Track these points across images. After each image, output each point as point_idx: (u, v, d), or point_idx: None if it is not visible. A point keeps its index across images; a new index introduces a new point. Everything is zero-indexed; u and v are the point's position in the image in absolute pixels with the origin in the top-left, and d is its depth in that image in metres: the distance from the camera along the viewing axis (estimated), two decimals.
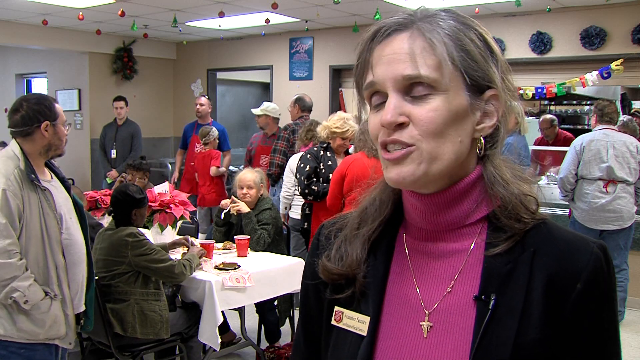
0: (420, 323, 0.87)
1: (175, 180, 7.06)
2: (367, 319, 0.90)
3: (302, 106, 5.86)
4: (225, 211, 4.25)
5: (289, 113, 6.03)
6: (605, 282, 0.83)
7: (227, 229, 4.37)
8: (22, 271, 2.49)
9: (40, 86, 10.21)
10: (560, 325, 0.81)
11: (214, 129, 6.67)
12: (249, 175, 4.30)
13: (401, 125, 0.83)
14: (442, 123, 0.82)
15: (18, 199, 2.50)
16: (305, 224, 4.74)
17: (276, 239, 4.28)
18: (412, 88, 0.83)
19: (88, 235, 2.88)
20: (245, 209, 4.16)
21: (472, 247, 0.87)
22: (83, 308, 2.83)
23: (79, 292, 2.78)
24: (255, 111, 6.27)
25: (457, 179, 0.87)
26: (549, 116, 7.17)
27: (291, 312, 4.29)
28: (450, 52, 0.82)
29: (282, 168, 5.65)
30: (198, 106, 7.01)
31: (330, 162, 4.52)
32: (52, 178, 2.77)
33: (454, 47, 0.82)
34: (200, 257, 3.59)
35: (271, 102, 8.45)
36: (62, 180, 2.84)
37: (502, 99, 0.86)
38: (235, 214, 4.21)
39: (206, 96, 7.28)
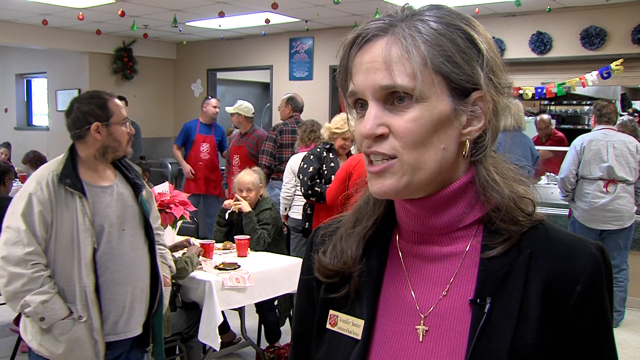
0: (416, 327, 0.86)
1: (193, 172, 6.92)
2: (362, 322, 0.89)
3: (295, 106, 5.86)
4: (228, 211, 4.26)
5: (279, 112, 6.03)
6: (604, 283, 0.82)
7: (229, 229, 4.37)
8: (38, 284, 2.27)
9: (40, 86, 10.22)
10: (558, 329, 0.80)
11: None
12: (247, 178, 4.29)
13: (381, 137, 0.81)
14: (422, 133, 0.80)
15: (44, 205, 2.29)
16: (307, 224, 4.74)
17: (276, 239, 4.28)
18: (391, 97, 0.81)
19: (154, 249, 2.61)
20: (247, 208, 4.17)
21: (467, 249, 0.86)
22: (137, 332, 2.54)
23: (124, 315, 2.47)
24: (229, 109, 6.29)
25: (447, 182, 0.85)
26: (546, 116, 7.14)
27: (291, 312, 4.29)
28: (425, 59, 0.79)
29: (269, 169, 5.65)
30: (217, 109, 6.88)
31: (332, 164, 4.52)
32: (113, 182, 2.52)
33: (433, 54, 0.79)
34: (198, 256, 3.59)
35: (270, 102, 8.50)
36: (134, 186, 2.58)
37: (488, 100, 0.83)
38: (237, 211, 4.22)
39: (217, 98, 7.26)
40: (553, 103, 8.54)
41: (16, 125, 10.28)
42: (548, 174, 6.27)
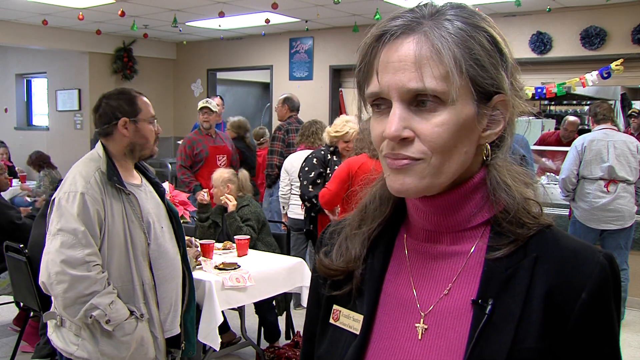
0: (415, 325, 0.86)
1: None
2: (361, 317, 0.89)
3: (292, 106, 5.90)
4: (201, 201, 4.37)
5: (276, 113, 6.04)
6: (610, 293, 0.81)
7: (211, 225, 4.42)
8: (102, 286, 2.23)
9: (40, 86, 10.22)
10: (560, 335, 0.79)
11: (266, 130, 6.94)
12: (225, 174, 4.41)
13: (406, 139, 0.80)
14: (449, 138, 0.79)
15: (98, 204, 2.25)
16: (311, 226, 4.71)
17: (262, 233, 4.32)
18: (417, 99, 0.79)
19: (185, 248, 2.62)
20: (232, 208, 4.22)
21: (472, 250, 0.85)
22: (178, 331, 2.54)
23: (171, 313, 2.49)
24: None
25: (460, 181, 0.85)
26: (574, 119, 7.05)
27: (288, 310, 4.30)
28: (458, 61, 0.78)
29: (280, 169, 5.66)
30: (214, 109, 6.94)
31: (336, 167, 4.52)
32: (142, 182, 2.52)
33: (463, 56, 0.78)
34: (196, 258, 3.59)
35: (270, 102, 8.49)
36: (156, 185, 2.59)
37: (509, 104, 0.83)
38: (223, 204, 4.29)
39: (219, 95, 7.22)
40: (553, 103, 8.54)
41: (16, 125, 10.28)
42: (548, 174, 6.28)
